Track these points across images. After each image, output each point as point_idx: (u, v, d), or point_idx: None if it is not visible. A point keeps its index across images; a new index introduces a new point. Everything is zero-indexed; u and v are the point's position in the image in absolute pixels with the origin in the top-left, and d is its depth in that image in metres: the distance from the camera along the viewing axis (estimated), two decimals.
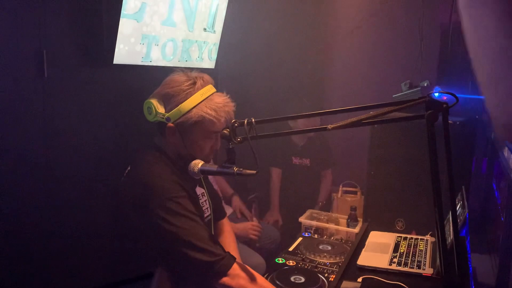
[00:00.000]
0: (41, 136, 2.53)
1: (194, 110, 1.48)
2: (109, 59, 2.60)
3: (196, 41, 2.93)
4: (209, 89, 1.54)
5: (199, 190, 1.75)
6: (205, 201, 1.78)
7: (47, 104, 2.54)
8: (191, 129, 1.51)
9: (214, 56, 3.16)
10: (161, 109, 1.52)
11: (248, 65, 3.42)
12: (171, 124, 1.52)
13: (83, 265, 2.71)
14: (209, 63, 3.13)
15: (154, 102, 1.53)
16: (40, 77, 2.48)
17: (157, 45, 2.65)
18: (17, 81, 2.43)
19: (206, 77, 1.57)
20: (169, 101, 1.51)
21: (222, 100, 1.52)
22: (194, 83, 1.51)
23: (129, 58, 2.55)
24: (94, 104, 2.77)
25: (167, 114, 1.51)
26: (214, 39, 3.08)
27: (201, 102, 1.49)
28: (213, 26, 2.99)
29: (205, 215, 1.77)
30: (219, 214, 1.91)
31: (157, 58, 2.69)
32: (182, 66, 2.87)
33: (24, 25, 2.41)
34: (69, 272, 2.65)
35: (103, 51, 2.61)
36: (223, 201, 2.18)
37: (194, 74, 1.56)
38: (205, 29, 2.94)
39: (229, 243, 1.85)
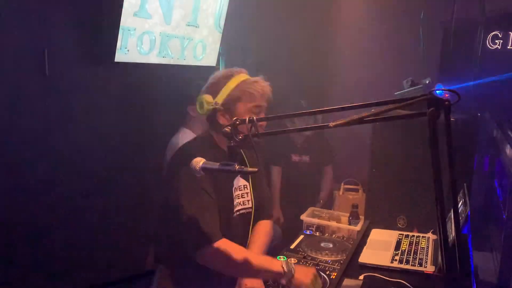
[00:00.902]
0: (42, 134, 2.53)
1: (235, 89, 1.70)
2: (110, 57, 2.60)
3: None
4: (245, 74, 1.76)
5: (240, 182, 1.82)
6: (246, 193, 1.84)
7: (49, 102, 2.55)
8: (236, 106, 1.70)
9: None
10: (209, 99, 1.69)
11: (250, 64, 3.42)
12: (221, 107, 1.71)
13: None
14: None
15: (203, 96, 1.69)
16: (41, 76, 2.48)
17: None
18: (18, 80, 2.43)
19: (242, 69, 1.79)
20: (214, 89, 1.71)
21: (257, 78, 1.75)
22: (231, 71, 1.75)
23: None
24: (96, 102, 2.77)
25: (215, 100, 1.69)
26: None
27: (240, 82, 1.71)
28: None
29: (243, 207, 1.81)
30: (261, 213, 1.91)
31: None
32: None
33: (26, 24, 2.41)
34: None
35: (104, 49, 2.61)
36: None
37: (230, 68, 1.80)
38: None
39: (259, 244, 1.85)
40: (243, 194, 1.82)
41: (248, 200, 1.84)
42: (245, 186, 1.84)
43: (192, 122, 2.70)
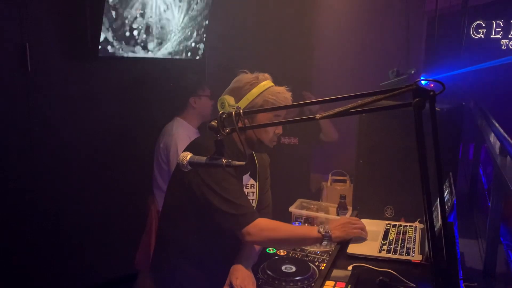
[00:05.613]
0: (25, 130, 2.49)
1: (259, 96, 1.72)
2: (94, 51, 2.56)
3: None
4: (269, 82, 1.78)
5: (249, 180, 1.87)
6: (252, 192, 1.88)
7: (31, 98, 2.50)
8: (257, 114, 1.72)
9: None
10: (232, 102, 1.70)
11: (235, 57, 3.40)
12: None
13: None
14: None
15: (226, 97, 1.72)
16: (23, 71, 2.44)
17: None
18: None
19: (266, 74, 1.80)
20: (238, 93, 1.73)
21: (280, 89, 1.77)
22: (257, 77, 1.76)
23: None
24: (81, 97, 2.73)
25: (237, 104, 1.70)
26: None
27: (264, 90, 1.73)
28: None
29: None
30: (261, 215, 1.86)
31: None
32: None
33: (5, 18, 2.36)
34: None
35: (88, 44, 2.57)
36: None
37: (255, 73, 1.80)
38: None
39: (248, 252, 1.83)
40: (248, 192, 1.86)
41: (252, 200, 1.87)
42: (253, 185, 1.89)
43: (189, 113, 2.70)
